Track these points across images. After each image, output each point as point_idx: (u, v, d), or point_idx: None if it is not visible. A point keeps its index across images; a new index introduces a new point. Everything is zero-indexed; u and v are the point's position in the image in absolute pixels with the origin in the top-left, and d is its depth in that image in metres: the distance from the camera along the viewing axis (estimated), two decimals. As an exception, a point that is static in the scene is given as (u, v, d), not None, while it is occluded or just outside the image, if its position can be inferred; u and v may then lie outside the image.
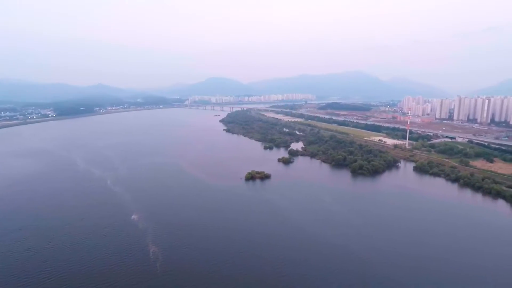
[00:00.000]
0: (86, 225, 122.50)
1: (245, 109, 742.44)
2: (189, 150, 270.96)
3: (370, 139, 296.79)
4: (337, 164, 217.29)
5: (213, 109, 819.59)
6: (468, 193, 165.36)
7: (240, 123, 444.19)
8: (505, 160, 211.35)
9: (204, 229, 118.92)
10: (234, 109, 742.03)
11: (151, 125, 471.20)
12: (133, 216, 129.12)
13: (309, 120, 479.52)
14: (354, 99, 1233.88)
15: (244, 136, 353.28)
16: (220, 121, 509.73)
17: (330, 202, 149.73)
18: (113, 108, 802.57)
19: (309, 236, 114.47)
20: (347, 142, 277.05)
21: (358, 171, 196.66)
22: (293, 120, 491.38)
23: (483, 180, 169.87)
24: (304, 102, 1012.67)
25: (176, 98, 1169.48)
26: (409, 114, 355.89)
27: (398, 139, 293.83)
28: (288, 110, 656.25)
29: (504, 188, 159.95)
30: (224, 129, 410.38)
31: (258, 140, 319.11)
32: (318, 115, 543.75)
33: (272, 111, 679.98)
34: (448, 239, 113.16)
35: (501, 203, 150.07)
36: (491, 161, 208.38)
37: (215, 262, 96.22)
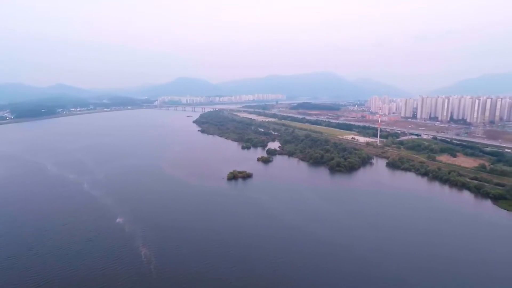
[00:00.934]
0: (69, 230, 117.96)
1: (217, 109, 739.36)
2: (166, 151, 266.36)
3: (344, 137, 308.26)
4: (315, 162, 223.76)
5: (185, 110, 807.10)
6: (437, 186, 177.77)
7: (215, 124, 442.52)
8: (466, 154, 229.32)
9: (194, 230, 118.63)
10: (206, 110, 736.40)
11: (122, 127, 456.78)
12: (118, 220, 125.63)
13: (283, 120, 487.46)
14: (323, 99, 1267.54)
15: (220, 136, 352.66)
16: (194, 122, 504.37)
17: (315, 199, 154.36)
18: (77, 109, 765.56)
19: (301, 234, 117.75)
20: (322, 140, 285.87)
21: (336, 168, 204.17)
22: (267, 120, 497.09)
23: (449, 173, 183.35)
24: (275, 102, 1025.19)
25: (144, 99, 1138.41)
26: (380, 113, 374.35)
27: (369, 137, 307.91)
28: (261, 110, 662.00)
29: (468, 180, 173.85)
30: (198, 130, 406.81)
31: (235, 140, 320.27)
32: (290, 114, 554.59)
33: (245, 111, 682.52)
34: (423, 228, 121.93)
35: (466, 193, 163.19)
36: (454, 156, 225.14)
37: (208, 262, 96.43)
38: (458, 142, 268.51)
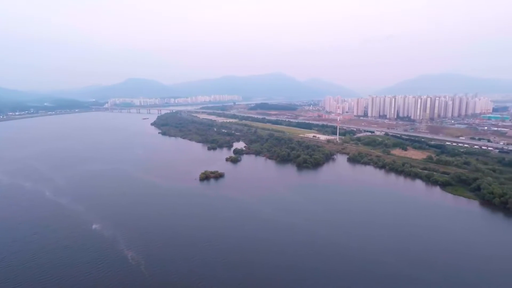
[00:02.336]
0: (41, 238, 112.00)
1: (174, 111, 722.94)
2: (129, 155, 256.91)
3: (305, 136, 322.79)
4: (282, 159, 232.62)
5: (139, 112, 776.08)
6: (393, 177, 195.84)
7: (175, 126, 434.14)
8: (415, 148, 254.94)
9: (176, 230, 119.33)
10: (163, 112, 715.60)
11: (75, 131, 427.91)
12: (94, 226, 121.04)
13: (244, 120, 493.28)
14: (277, 99, 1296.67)
15: (183, 138, 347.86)
16: (152, 124, 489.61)
17: (290, 194, 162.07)
18: (17, 113, 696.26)
19: (282, 226, 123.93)
20: (286, 139, 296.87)
21: (303, 165, 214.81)
22: (227, 120, 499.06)
23: (403, 165, 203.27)
24: (232, 103, 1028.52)
25: (92, 101, 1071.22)
26: (338, 112, 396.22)
27: (328, 135, 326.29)
28: (220, 112, 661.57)
29: (419, 170, 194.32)
30: (159, 132, 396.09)
31: (199, 142, 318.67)
32: (250, 115, 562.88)
33: (203, 112, 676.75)
34: (390, 213, 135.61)
35: (419, 182, 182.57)
36: (405, 149, 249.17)
37: (198, 258, 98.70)
38: (407, 137, 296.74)
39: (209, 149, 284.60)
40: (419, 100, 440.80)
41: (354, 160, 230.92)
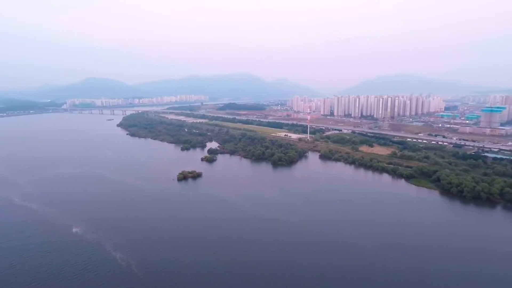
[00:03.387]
0: (18, 245, 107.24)
1: (140, 112, 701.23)
2: (100, 157, 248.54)
3: (277, 135, 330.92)
4: (257, 158, 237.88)
5: (102, 113, 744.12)
6: (363, 171, 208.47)
7: (144, 127, 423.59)
8: (380, 144, 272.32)
9: (161, 230, 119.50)
10: (128, 113, 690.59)
11: (36, 133, 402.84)
12: (74, 230, 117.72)
13: (214, 121, 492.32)
14: (245, 99, 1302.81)
15: (154, 139, 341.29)
16: (118, 125, 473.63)
17: (271, 192, 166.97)
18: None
19: (266, 221, 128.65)
20: (259, 138, 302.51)
21: (278, 163, 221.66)
22: (197, 121, 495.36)
23: (371, 160, 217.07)
24: (200, 104, 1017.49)
25: (48, 102, 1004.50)
26: (308, 111, 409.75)
27: (299, 134, 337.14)
28: (189, 112, 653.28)
29: (386, 165, 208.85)
30: (127, 134, 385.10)
31: (171, 143, 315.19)
32: (220, 115, 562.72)
33: (171, 113, 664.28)
34: (363, 203, 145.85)
35: (386, 175, 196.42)
36: (372, 146, 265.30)
37: (187, 254, 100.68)
38: (372, 135, 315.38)
39: (182, 149, 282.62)
40: (381, 100, 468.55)
41: (325, 157, 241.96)
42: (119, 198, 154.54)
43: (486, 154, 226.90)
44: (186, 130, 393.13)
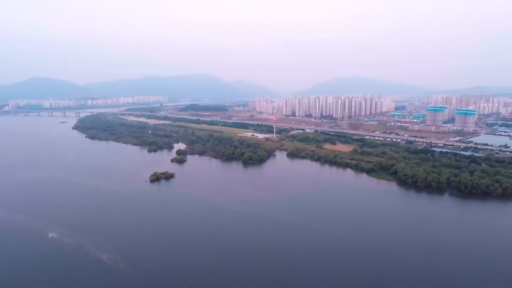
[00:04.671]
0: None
1: (95, 113, 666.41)
2: (61, 161, 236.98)
3: (244, 135, 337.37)
4: (228, 158, 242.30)
5: (52, 116, 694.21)
6: (328, 167, 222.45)
7: (103, 129, 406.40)
8: (342, 142, 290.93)
9: (141, 230, 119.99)
10: (82, 115, 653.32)
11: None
12: (50, 235, 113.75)
13: (177, 122, 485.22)
14: (205, 100, 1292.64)
15: (116, 141, 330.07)
16: (74, 128, 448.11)
17: (248, 189, 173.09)
18: None
19: (245, 215, 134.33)
20: (227, 139, 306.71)
21: (248, 162, 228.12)
22: (160, 122, 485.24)
23: (335, 157, 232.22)
24: (159, 105, 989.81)
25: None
26: (274, 112, 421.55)
27: (265, 133, 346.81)
28: (149, 113, 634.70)
29: (349, 161, 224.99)
30: (85, 136, 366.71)
31: (136, 145, 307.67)
32: (182, 116, 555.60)
33: (130, 114, 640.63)
34: (331, 195, 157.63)
35: (349, 170, 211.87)
36: (334, 144, 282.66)
37: (175, 249, 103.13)
38: (333, 133, 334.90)
39: (149, 151, 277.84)
40: (339, 101, 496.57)
41: (292, 155, 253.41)
42: (92, 202, 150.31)
43: (433, 148, 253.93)
44: (150, 132, 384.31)
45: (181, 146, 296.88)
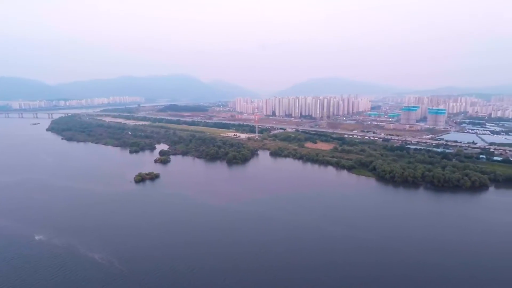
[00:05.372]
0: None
1: (69, 114, 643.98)
2: (39, 163, 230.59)
3: (226, 135, 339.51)
4: (212, 157, 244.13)
5: (22, 117, 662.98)
6: (310, 165, 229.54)
7: (81, 130, 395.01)
8: (322, 141, 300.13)
9: (133, 230, 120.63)
10: (56, 116, 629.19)
11: None
12: (37, 237, 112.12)
13: (157, 123, 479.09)
14: (183, 101, 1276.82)
15: (96, 143, 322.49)
16: (48, 129, 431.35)
17: (236, 188, 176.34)
18: None
19: (232, 212, 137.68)
20: (209, 139, 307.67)
21: (232, 161, 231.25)
22: (139, 123, 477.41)
23: (316, 155, 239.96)
24: (137, 105, 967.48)
25: None
26: (256, 112, 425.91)
27: (247, 133, 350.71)
28: (128, 114, 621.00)
29: (330, 158, 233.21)
30: (62, 138, 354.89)
31: (117, 146, 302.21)
32: (162, 117, 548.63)
33: (107, 115, 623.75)
34: (317, 190, 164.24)
35: (330, 168, 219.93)
36: (315, 143, 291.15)
37: (165, 247, 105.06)
38: (314, 132, 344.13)
39: (131, 152, 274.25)
40: (318, 101, 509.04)
41: (275, 154, 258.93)
42: (77, 204, 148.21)
43: (408, 146, 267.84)
44: (129, 133, 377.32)
45: (163, 146, 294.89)
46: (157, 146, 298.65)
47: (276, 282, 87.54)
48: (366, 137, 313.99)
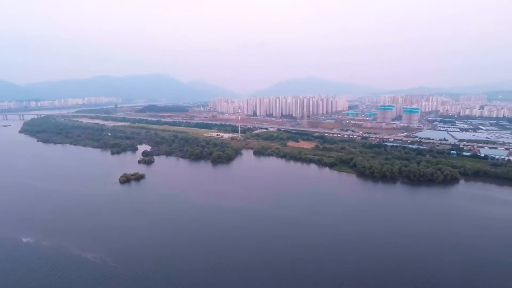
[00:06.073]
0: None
1: (43, 116, 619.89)
2: (16, 165, 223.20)
3: (209, 135, 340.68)
4: (196, 157, 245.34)
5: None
6: (293, 163, 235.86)
7: (57, 132, 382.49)
8: (304, 139, 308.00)
9: (122, 228, 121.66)
10: (28, 117, 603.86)
11: None
12: (25, 240, 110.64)
13: (137, 123, 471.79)
14: (162, 101, 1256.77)
15: (74, 145, 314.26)
16: (20, 131, 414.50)
17: (224, 186, 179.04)
18: None
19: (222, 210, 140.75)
20: (192, 139, 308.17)
21: (217, 160, 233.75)
22: (118, 124, 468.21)
23: (299, 153, 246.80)
24: (114, 106, 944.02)
25: None
26: (239, 112, 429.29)
27: (229, 133, 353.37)
28: (106, 115, 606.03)
29: (312, 156, 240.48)
30: (37, 140, 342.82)
31: (97, 147, 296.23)
32: (142, 118, 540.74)
33: (84, 116, 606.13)
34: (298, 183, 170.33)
35: (313, 165, 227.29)
36: (297, 141, 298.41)
37: (155, 244, 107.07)
38: (295, 131, 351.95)
39: (112, 153, 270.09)
40: (298, 101, 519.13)
41: (259, 153, 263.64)
42: (61, 206, 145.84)
43: (385, 143, 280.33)
44: (109, 134, 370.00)
45: (145, 147, 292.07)
46: (139, 147, 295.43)
47: (267, 278, 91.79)
48: (345, 136, 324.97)
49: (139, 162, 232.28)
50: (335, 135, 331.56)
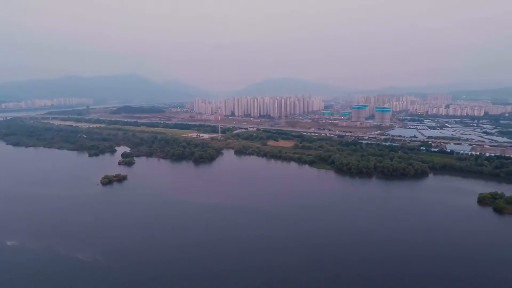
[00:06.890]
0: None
1: (8, 118, 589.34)
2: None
3: (189, 136, 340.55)
4: (178, 158, 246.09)
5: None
6: (273, 161, 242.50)
7: (28, 134, 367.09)
8: (283, 139, 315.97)
9: (110, 228, 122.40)
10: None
11: None
12: (9, 243, 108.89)
13: (113, 125, 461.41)
14: (136, 102, 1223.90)
15: (48, 147, 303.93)
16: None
17: (208, 185, 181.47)
18: None
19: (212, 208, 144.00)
20: (172, 140, 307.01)
21: (199, 160, 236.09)
22: (93, 126, 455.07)
23: (279, 152, 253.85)
24: (86, 107, 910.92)
25: None
26: (219, 112, 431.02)
27: (209, 133, 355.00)
28: (78, 117, 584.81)
29: (292, 155, 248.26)
30: (7, 143, 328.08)
31: (73, 150, 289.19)
32: (118, 119, 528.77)
33: (54, 118, 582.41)
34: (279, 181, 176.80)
35: (293, 163, 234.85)
36: (277, 140, 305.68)
37: (148, 242, 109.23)
38: (275, 131, 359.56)
39: (90, 155, 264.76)
40: (275, 101, 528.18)
41: (240, 152, 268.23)
42: (44, 209, 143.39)
43: (360, 141, 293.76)
44: (85, 136, 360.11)
45: (124, 149, 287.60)
46: (117, 148, 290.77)
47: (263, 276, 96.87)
48: (323, 134, 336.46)
49: (119, 163, 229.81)
50: (313, 134, 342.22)
